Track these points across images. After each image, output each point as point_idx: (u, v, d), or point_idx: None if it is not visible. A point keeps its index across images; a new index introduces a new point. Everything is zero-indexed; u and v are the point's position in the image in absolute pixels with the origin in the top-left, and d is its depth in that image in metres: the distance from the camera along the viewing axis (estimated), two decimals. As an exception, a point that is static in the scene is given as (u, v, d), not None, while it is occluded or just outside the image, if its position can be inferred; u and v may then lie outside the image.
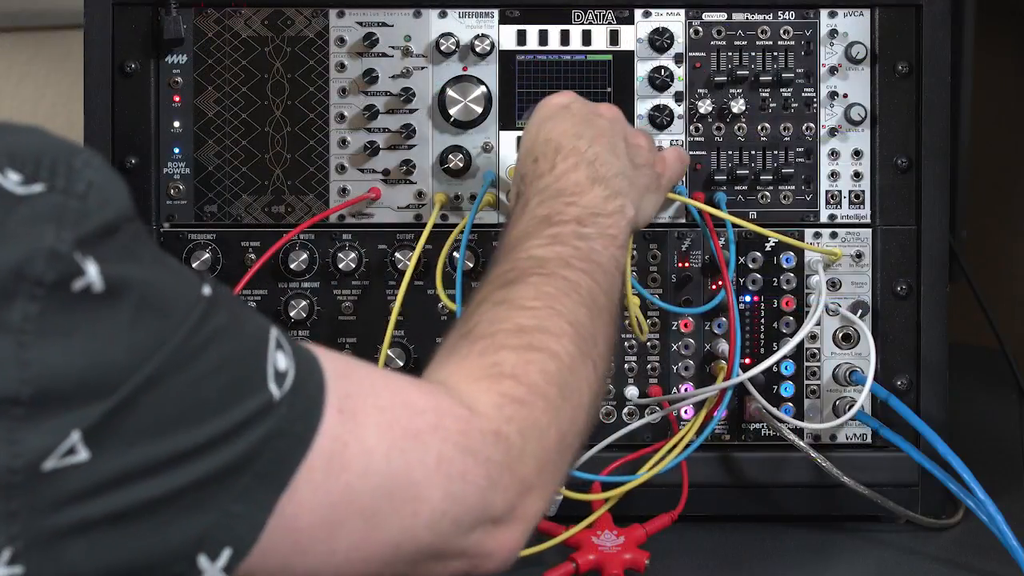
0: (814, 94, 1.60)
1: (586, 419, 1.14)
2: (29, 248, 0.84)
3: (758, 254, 1.59)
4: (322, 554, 0.97)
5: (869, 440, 1.60)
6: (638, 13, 1.59)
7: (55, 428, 0.85)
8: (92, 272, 0.85)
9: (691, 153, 1.59)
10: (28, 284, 0.84)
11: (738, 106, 1.58)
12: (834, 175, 1.59)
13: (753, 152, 1.60)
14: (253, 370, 0.93)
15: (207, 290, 0.92)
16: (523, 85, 1.59)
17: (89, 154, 0.89)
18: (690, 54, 1.59)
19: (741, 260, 1.59)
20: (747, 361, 1.59)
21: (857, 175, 1.59)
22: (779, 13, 1.59)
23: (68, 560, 0.86)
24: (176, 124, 1.58)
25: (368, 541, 0.98)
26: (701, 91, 1.59)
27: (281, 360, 0.94)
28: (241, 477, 0.91)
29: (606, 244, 1.25)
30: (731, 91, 1.59)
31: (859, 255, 1.59)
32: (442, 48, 1.58)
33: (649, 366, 1.59)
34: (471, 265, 1.57)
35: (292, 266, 1.57)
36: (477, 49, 1.57)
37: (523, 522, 1.06)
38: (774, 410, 1.57)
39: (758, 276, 1.59)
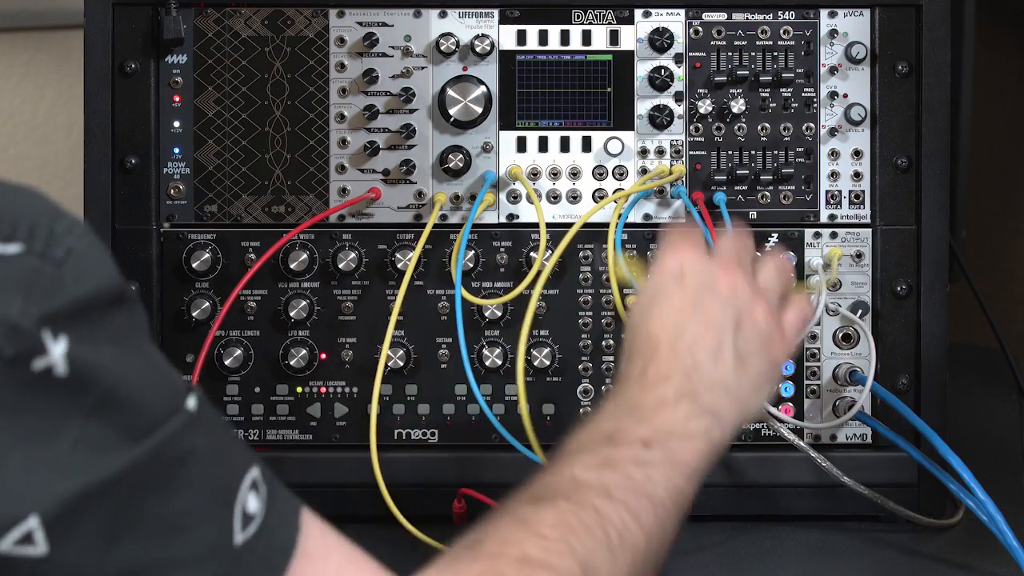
0: (814, 94, 1.60)
1: None
2: None
3: (758, 254, 1.58)
4: None
5: (869, 440, 1.60)
6: (638, 13, 1.59)
7: (13, 508, 0.80)
8: (56, 353, 0.81)
9: (691, 153, 1.59)
10: None
11: (738, 106, 1.58)
12: (834, 175, 1.59)
13: (753, 152, 1.60)
14: (222, 501, 0.87)
15: (191, 404, 0.87)
16: (523, 85, 1.59)
17: (73, 221, 0.85)
18: (690, 54, 1.59)
19: (741, 260, 1.58)
20: (747, 361, 1.58)
21: (857, 175, 1.59)
22: (779, 13, 1.59)
23: None
24: (176, 124, 1.58)
25: None
26: (701, 91, 1.59)
27: (252, 502, 0.89)
28: None
29: (670, 473, 1.10)
30: (731, 91, 1.59)
31: (859, 255, 1.59)
32: (442, 48, 1.58)
33: (649, 366, 1.59)
34: (471, 265, 1.58)
35: (292, 266, 1.57)
36: (477, 49, 1.57)
37: None
38: (774, 410, 1.57)
39: (758, 276, 1.59)
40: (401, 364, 1.58)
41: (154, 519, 0.84)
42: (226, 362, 1.57)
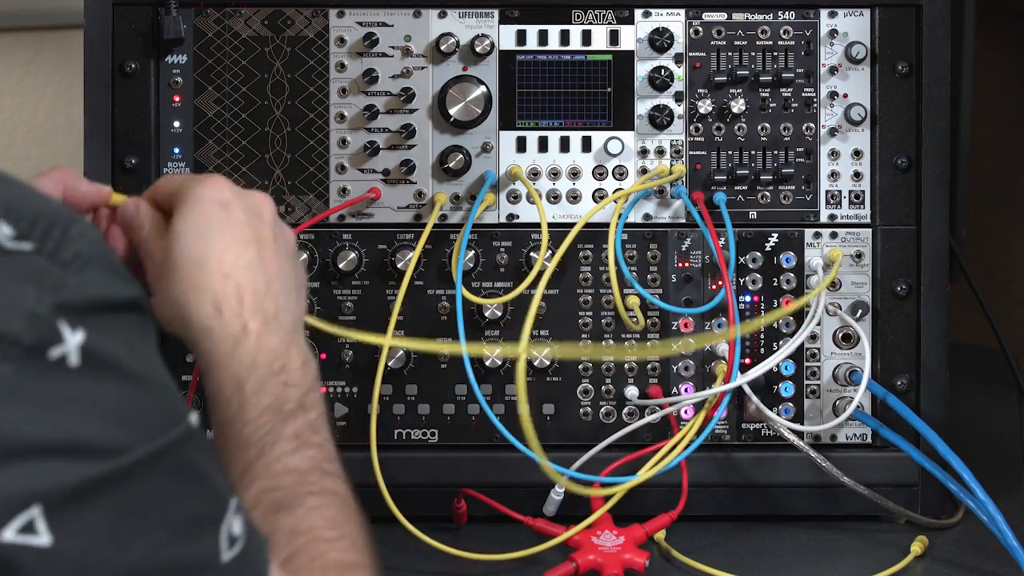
0: (814, 94, 1.60)
1: None
2: (8, 306, 0.81)
3: (758, 254, 1.59)
4: None
5: (869, 440, 1.60)
6: (638, 13, 1.59)
7: (15, 495, 0.80)
8: (72, 343, 0.82)
9: (691, 153, 1.59)
10: (4, 344, 0.81)
11: (738, 106, 1.58)
12: (834, 175, 1.60)
13: (753, 152, 1.60)
14: (213, 518, 0.89)
15: (194, 419, 0.89)
16: (523, 85, 1.59)
17: (87, 227, 0.86)
18: (690, 54, 1.59)
19: (741, 260, 1.59)
20: (747, 361, 1.59)
21: (857, 175, 1.59)
22: (779, 13, 1.59)
23: None
24: (176, 124, 1.58)
25: None
26: (701, 91, 1.59)
27: (236, 525, 0.90)
28: None
29: (320, 414, 1.15)
30: (731, 91, 1.59)
31: (859, 255, 1.59)
32: (442, 48, 1.58)
33: (649, 366, 1.59)
34: (471, 265, 1.58)
35: (292, 266, 1.57)
36: (477, 49, 1.58)
37: None
38: (771, 414, 1.57)
39: (758, 276, 1.59)
40: (401, 364, 1.58)
41: (161, 519, 0.85)
42: (226, 362, 1.57)
